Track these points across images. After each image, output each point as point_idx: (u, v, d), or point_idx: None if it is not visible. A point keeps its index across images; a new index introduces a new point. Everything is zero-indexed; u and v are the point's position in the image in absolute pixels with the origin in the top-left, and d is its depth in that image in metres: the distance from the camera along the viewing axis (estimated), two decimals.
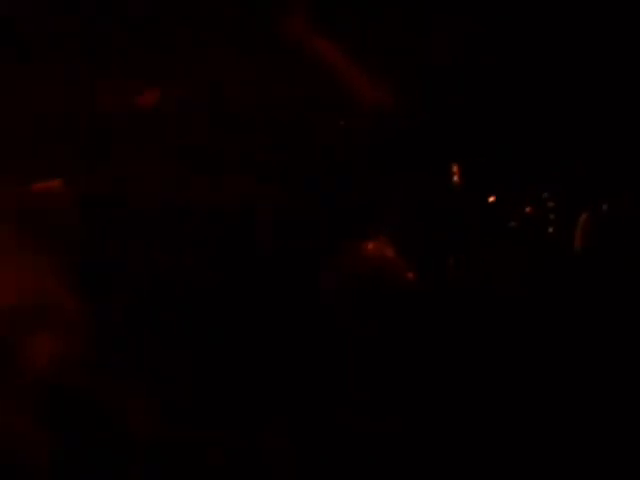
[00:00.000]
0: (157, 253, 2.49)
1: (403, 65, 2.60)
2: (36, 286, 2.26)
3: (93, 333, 2.29)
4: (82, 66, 2.52)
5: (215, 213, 2.52)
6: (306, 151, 2.58)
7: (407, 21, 2.62)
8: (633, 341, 2.42)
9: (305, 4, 2.57)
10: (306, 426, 2.38)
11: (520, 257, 2.61)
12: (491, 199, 2.63)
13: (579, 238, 2.53)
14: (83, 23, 2.50)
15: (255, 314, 2.45)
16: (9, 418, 2.18)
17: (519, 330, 2.48)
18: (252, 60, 2.55)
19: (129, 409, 2.30)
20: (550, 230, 2.62)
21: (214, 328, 2.42)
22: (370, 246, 2.52)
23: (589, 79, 2.66)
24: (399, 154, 2.61)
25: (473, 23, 2.64)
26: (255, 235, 2.53)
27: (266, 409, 2.38)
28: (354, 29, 2.60)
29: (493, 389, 2.43)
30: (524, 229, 2.64)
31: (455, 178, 2.65)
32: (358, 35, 2.59)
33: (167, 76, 2.56)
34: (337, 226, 2.54)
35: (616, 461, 2.33)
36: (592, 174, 2.65)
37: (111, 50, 2.52)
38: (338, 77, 2.54)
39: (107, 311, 2.37)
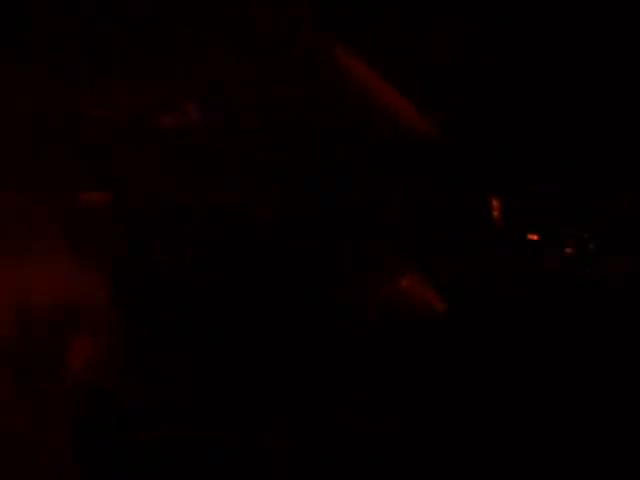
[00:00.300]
0: (157, 253, 2.49)
1: (403, 65, 2.60)
2: (70, 287, 2.27)
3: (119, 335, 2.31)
4: (82, 66, 2.51)
5: (215, 213, 2.52)
6: (306, 151, 2.58)
7: (407, 21, 2.62)
8: (634, 346, 2.43)
9: (306, 5, 2.57)
10: (306, 426, 2.39)
11: (520, 259, 2.61)
12: (533, 237, 2.61)
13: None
14: (83, 23, 2.50)
15: (255, 314, 2.45)
16: (20, 419, 2.18)
17: (519, 331, 2.48)
18: (252, 60, 2.55)
19: (129, 409, 2.30)
20: (587, 270, 2.59)
21: (214, 328, 2.42)
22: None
23: (589, 80, 2.66)
24: (399, 154, 2.61)
25: (473, 23, 2.65)
26: (255, 235, 2.53)
27: (266, 409, 2.39)
28: (353, 29, 2.60)
29: (493, 390, 2.43)
30: (562, 269, 2.61)
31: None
32: (357, 35, 2.59)
33: (167, 76, 2.56)
34: (337, 226, 2.54)
35: (616, 462, 2.34)
36: (592, 175, 2.65)
37: (111, 50, 2.52)
38: (378, 106, 2.52)
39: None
